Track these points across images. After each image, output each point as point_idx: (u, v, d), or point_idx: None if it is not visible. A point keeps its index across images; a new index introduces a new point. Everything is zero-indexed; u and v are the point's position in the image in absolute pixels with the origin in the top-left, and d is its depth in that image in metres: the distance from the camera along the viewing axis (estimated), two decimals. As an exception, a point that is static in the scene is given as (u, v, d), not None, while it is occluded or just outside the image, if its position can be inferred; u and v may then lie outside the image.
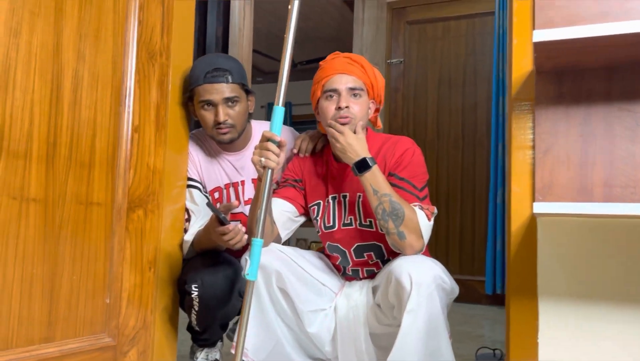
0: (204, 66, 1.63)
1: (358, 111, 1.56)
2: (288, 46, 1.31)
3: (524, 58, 1.26)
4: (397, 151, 1.59)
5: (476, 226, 3.70)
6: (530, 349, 1.27)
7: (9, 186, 1.19)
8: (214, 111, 1.64)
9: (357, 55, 1.63)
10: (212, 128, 1.66)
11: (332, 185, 1.64)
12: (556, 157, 1.22)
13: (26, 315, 1.22)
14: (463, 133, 3.77)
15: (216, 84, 1.61)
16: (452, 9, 3.83)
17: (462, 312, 3.26)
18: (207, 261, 1.59)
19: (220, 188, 1.76)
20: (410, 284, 1.33)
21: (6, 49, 1.19)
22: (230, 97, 1.63)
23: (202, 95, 1.63)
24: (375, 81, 1.62)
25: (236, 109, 1.66)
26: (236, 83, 1.65)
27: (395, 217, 1.42)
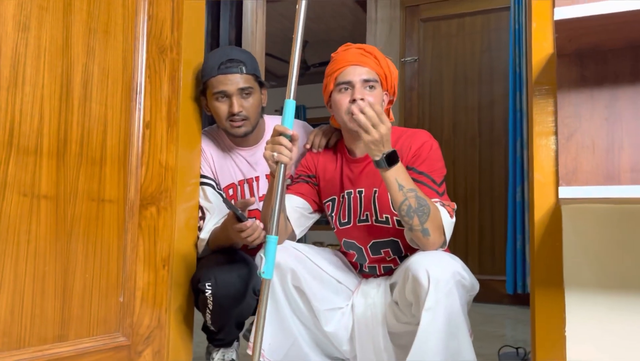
0: (218, 57, 1.62)
1: (373, 103, 1.52)
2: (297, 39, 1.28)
3: (544, 41, 1.22)
4: (415, 144, 1.54)
5: (495, 225, 3.63)
6: (557, 343, 1.22)
7: (20, 183, 1.17)
8: (228, 102, 1.62)
9: (370, 45, 1.59)
10: (226, 120, 1.64)
11: (347, 180, 1.61)
12: (580, 143, 1.18)
13: (39, 313, 1.20)
14: (480, 131, 3.71)
15: (230, 74, 1.60)
16: (466, 5, 3.78)
17: (483, 312, 3.20)
18: (221, 259, 1.56)
19: (235, 184, 1.74)
20: (427, 281, 1.29)
21: (15, 44, 1.18)
22: (245, 87, 1.62)
23: (216, 86, 1.61)
24: (389, 72, 1.58)
25: (250, 100, 1.64)
26: (250, 74, 1.64)
27: (422, 213, 1.36)
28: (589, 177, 1.15)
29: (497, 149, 3.64)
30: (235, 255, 1.59)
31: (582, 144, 1.18)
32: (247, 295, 1.54)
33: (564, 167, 1.19)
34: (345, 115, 1.52)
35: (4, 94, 1.15)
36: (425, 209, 1.36)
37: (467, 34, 3.80)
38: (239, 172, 1.74)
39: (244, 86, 1.62)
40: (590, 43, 1.13)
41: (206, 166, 1.70)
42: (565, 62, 1.18)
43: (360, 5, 5.00)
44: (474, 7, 3.77)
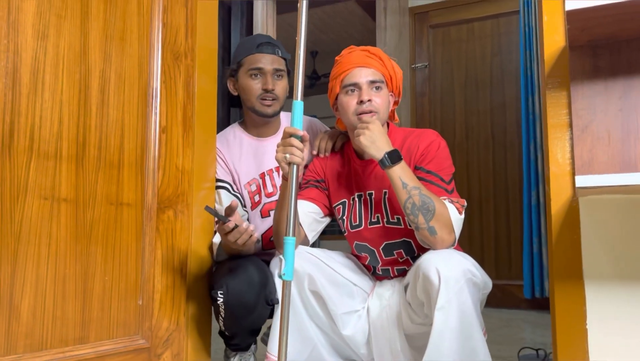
0: (257, 39, 1.73)
1: (380, 103, 1.53)
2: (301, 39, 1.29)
3: (556, 34, 1.22)
4: (422, 143, 1.54)
5: (511, 229, 3.60)
6: (579, 338, 1.21)
7: (40, 187, 1.20)
8: (263, 80, 1.69)
9: (374, 47, 1.60)
10: (257, 98, 1.70)
11: (357, 183, 1.60)
12: (595, 134, 1.17)
13: (60, 315, 1.22)
14: (493, 134, 3.70)
15: (267, 54, 1.70)
16: (475, 10, 3.79)
17: (500, 317, 3.16)
18: (234, 266, 1.55)
19: (256, 179, 1.74)
20: (438, 280, 1.28)
21: (34, 52, 1.21)
22: (279, 69, 1.71)
23: (254, 63, 1.69)
24: (394, 73, 1.59)
25: (281, 83, 1.72)
26: (284, 58, 1.74)
27: (426, 211, 1.36)
28: (605, 168, 1.14)
29: (510, 152, 3.63)
30: (250, 262, 1.58)
31: (597, 136, 1.17)
32: (259, 304, 1.52)
33: (580, 159, 1.19)
34: (352, 116, 1.53)
35: (25, 100, 1.18)
36: (429, 206, 1.36)
37: (477, 39, 3.80)
38: (259, 166, 1.75)
39: (278, 67, 1.71)
40: (603, 33, 1.13)
41: (221, 169, 1.72)
42: (578, 54, 1.18)
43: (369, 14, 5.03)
44: (483, 12, 3.77)
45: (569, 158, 1.21)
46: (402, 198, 1.39)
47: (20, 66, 1.17)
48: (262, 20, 4.37)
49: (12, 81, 1.16)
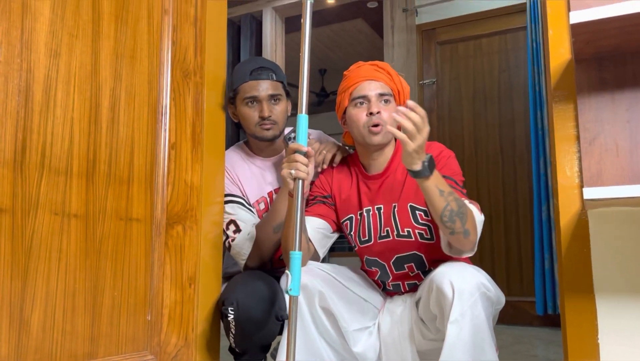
0: (249, 65, 1.71)
1: (388, 117, 1.53)
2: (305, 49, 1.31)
3: (561, 47, 1.22)
4: (432, 153, 1.55)
5: (522, 245, 3.58)
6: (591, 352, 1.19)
7: (51, 202, 1.21)
8: (259, 107, 1.68)
9: (382, 62, 1.62)
10: (256, 125, 1.70)
11: (365, 197, 1.60)
12: (603, 146, 1.17)
13: (70, 329, 1.22)
14: (501, 149, 3.69)
15: (262, 80, 1.68)
16: (482, 27, 3.81)
17: (512, 334, 3.12)
18: (244, 282, 1.56)
19: (265, 197, 1.75)
20: (452, 292, 1.27)
21: (47, 69, 1.23)
22: (274, 94, 1.69)
23: (248, 91, 1.68)
24: (401, 87, 1.60)
25: (279, 107, 1.71)
26: (279, 81, 1.72)
27: (462, 215, 1.33)
28: (614, 180, 1.14)
29: (520, 167, 3.61)
30: (260, 278, 1.58)
31: (605, 148, 1.17)
32: (270, 321, 1.52)
33: (588, 171, 1.18)
34: (362, 129, 1.54)
35: (37, 117, 1.20)
36: (464, 209, 1.35)
37: (485, 55, 3.82)
38: (268, 185, 1.76)
39: (273, 93, 1.69)
40: (608, 46, 1.14)
41: (233, 185, 1.72)
42: (584, 67, 1.18)
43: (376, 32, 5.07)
44: (490, 29, 3.79)
45: (577, 171, 1.21)
46: (439, 206, 1.33)
47: (33, 84, 1.20)
48: (271, 39, 4.42)
49: (24, 99, 1.18)
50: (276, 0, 4.42)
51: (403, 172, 1.56)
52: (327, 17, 4.91)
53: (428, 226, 1.53)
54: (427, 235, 1.53)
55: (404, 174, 1.56)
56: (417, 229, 1.52)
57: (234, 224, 1.67)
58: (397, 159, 1.59)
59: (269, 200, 1.76)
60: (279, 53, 4.50)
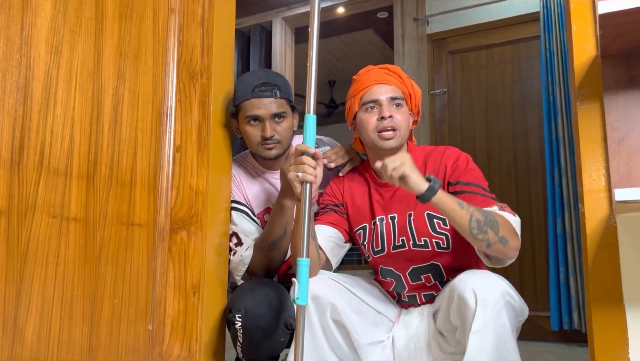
0: (252, 80, 1.60)
1: (401, 120, 1.48)
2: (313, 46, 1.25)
3: (586, 43, 1.16)
4: (449, 159, 1.49)
5: (536, 259, 3.49)
6: (620, 368, 1.11)
7: (50, 204, 1.16)
8: (261, 127, 1.59)
9: (393, 65, 1.57)
10: (258, 145, 1.61)
11: (378, 206, 1.54)
12: (633, 146, 1.10)
13: (66, 339, 1.16)
14: (515, 161, 3.62)
15: (264, 98, 1.58)
16: (494, 36, 3.76)
17: (527, 350, 3.03)
18: (252, 288, 1.50)
19: (270, 208, 1.69)
20: (475, 302, 1.20)
21: (47, 67, 1.19)
22: (278, 112, 1.59)
23: (249, 110, 1.59)
24: (413, 91, 1.55)
25: (283, 125, 1.61)
26: (283, 98, 1.61)
27: (492, 223, 1.27)
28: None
29: (534, 179, 3.54)
30: (269, 285, 1.53)
31: (635, 148, 1.11)
32: (279, 329, 1.47)
33: (616, 173, 1.12)
34: (373, 133, 1.48)
35: (36, 115, 1.15)
36: (491, 217, 1.29)
37: (497, 64, 3.77)
38: (272, 196, 1.70)
39: (277, 111, 1.59)
40: (637, 40, 1.07)
41: (238, 192, 1.67)
42: (611, 63, 1.12)
43: (387, 43, 5.04)
44: (502, 38, 3.74)
45: (604, 174, 1.14)
46: (464, 219, 1.27)
47: (32, 81, 1.15)
48: (281, 50, 4.41)
49: (23, 96, 1.13)
50: (286, 11, 4.41)
51: None
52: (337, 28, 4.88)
53: (445, 236, 1.46)
54: (444, 244, 1.46)
55: None
56: (435, 238, 1.46)
57: (235, 236, 1.61)
58: None
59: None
60: (288, 63, 4.48)
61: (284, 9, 4.41)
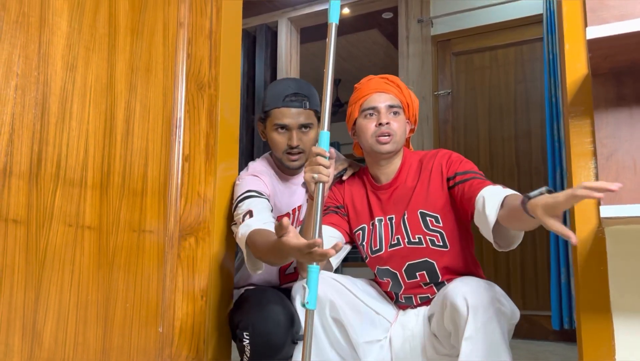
0: (284, 89, 1.64)
1: (398, 128, 1.55)
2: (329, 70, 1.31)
3: (578, 62, 1.21)
4: (442, 158, 1.57)
5: (538, 259, 3.52)
6: (608, 373, 1.16)
7: (65, 214, 1.22)
8: (288, 135, 1.63)
9: (392, 75, 1.63)
10: (283, 153, 1.65)
11: (376, 207, 1.61)
12: (621, 162, 1.15)
13: (82, 341, 1.23)
14: (518, 162, 3.65)
15: (293, 108, 1.62)
16: (498, 38, 3.79)
17: (528, 349, 3.07)
18: (258, 304, 1.51)
19: (289, 213, 1.73)
20: (466, 309, 1.25)
21: (63, 82, 1.24)
22: (305, 123, 1.64)
23: (279, 118, 1.63)
24: (410, 100, 1.61)
25: (309, 135, 1.65)
26: (312, 110, 1.66)
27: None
28: (632, 197, 1.11)
29: (536, 180, 3.57)
30: (275, 300, 1.53)
31: (622, 164, 1.15)
32: (287, 345, 1.48)
33: (605, 188, 1.16)
34: (370, 139, 1.55)
35: (53, 129, 1.21)
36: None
37: (501, 66, 3.79)
38: (291, 202, 1.73)
39: (305, 122, 1.63)
40: (627, 61, 1.12)
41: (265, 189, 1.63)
42: (601, 82, 1.17)
43: (391, 43, 5.07)
44: (505, 39, 3.77)
45: (593, 187, 1.18)
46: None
47: (50, 96, 1.21)
48: (286, 50, 4.44)
49: (41, 112, 1.19)
50: (291, 11, 4.44)
51: (413, 180, 1.57)
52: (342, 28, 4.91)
53: (440, 233, 1.52)
54: (438, 242, 1.52)
55: (414, 182, 1.57)
56: (428, 236, 1.52)
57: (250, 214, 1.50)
58: (405, 168, 1.60)
59: (292, 216, 1.72)
60: (293, 63, 4.51)
61: (290, 9, 4.45)
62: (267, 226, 1.45)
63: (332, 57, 1.33)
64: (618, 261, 1.18)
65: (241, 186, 1.60)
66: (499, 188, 1.40)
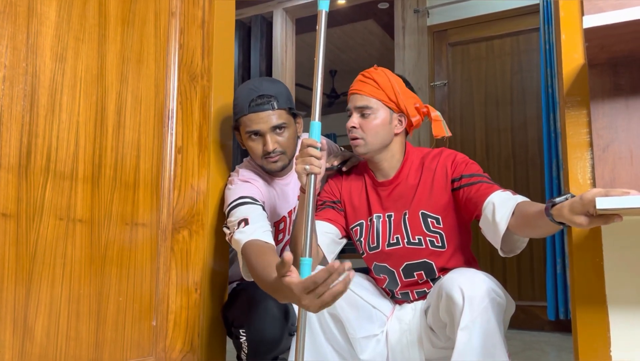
0: (248, 93, 1.55)
1: (368, 129, 1.50)
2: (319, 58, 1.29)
3: (574, 52, 1.20)
4: (447, 159, 1.52)
5: (534, 249, 3.53)
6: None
7: (56, 207, 1.20)
8: (262, 141, 1.55)
9: (375, 70, 1.55)
10: (262, 158, 1.58)
11: (375, 204, 1.58)
12: (617, 154, 1.14)
13: (74, 335, 1.22)
14: (514, 152, 3.65)
15: (262, 112, 1.53)
16: (494, 28, 3.77)
17: (523, 339, 3.08)
18: (253, 300, 1.49)
19: (285, 217, 1.69)
20: (462, 299, 1.25)
21: (53, 73, 1.22)
22: (278, 124, 1.55)
23: (249, 125, 1.55)
24: (391, 92, 1.52)
25: (285, 135, 1.57)
26: (282, 108, 1.56)
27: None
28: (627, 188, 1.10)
29: (532, 171, 3.57)
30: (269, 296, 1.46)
31: (619, 155, 1.14)
32: (284, 339, 1.48)
33: (601, 179, 1.15)
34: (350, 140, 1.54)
35: (42, 121, 1.20)
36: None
37: (497, 57, 3.78)
38: (285, 205, 1.68)
39: (277, 124, 1.54)
40: (623, 51, 1.11)
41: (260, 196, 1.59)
42: (598, 72, 1.15)
43: (387, 33, 5.05)
44: (502, 30, 3.75)
45: (589, 179, 1.18)
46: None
47: (38, 88, 1.19)
48: (282, 40, 4.41)
49: (30, 103, 1.18)
50: (287, 1, 4.41)
51: (414, 178, 1.54)
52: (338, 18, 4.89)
53: (439, 234, 1.51)
54: (438, 243, 1.51)
55: (415, 180, 1.53)
56: (428, 237, 1.50)
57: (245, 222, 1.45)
58: (407, 166, 1.56)
59: (289, 219, 1.69)
60: (289, 54, 4.48)
61: (285, 0, 4.42)
62: (265, 235, 1.42)
63: (322, 45, 1.30)
64: (614, 253, 1.18)
65: (234, 191, 1.54)
66: (509, 195, 1.38)
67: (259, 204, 1.51)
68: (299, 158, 1.34)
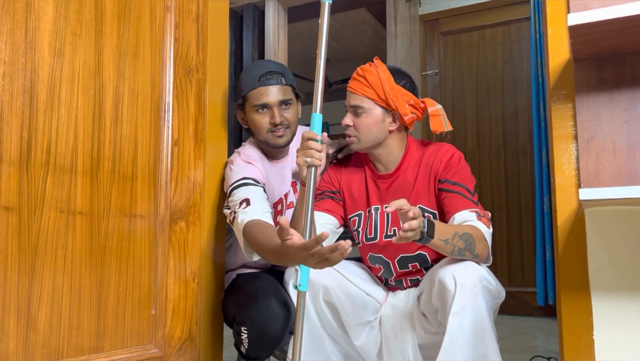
0: (257, 70, 1.63)
1: (361, 127, 1.53)
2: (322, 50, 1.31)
3: (561, 47, 1.23)
4: (443, 157, 1.53)
5: (524, 236, 3.59)
6: (586, 348, 1.21)
7: (57, 200, 1.23)
8: (270, 114, 1.61)
9: (368, 67, 1.55)
10: (267, 132, 1.63)
11: (374, 195, 1.60)
12: (601, 146, 1.18)
13: (76, 324, 1.25)
14: (504, 141, 3.69)
15: (271, 86, 1.61)
16: (486, 17, 3.79)
17: (513, 324, 3.15)
18: (254, 296, 1.52)
19: (282, 198, 1.72)
20: (454, 286, 1.29)
21: (51, 69, 1.24)
22: (285, 99, 1.62)
23: (258, 98, 1.61)
24: (381, 90, 1.51)
25: (290, 111, 1.64)
26: (288, 85, 1.65)
27: (470, 246, 1.35)
28: (610, 180, 1.15)
29: (522, 159, 3.62)
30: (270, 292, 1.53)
31: (602, 147, 1.18)
32: (285, 335, 1.51)
33: (585, 170, 1.20)
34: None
35: (42, 116, 1.22)
36: (470, 240, 1.35)
37: (488, 46, 3.80)
38: (283, 187, 1.72)
39: (284, 98, 1.62)
40: (607, 46, 1.14)
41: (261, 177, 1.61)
42: (583, 67, 1.19)
43: (380, 22, 5.05)
44: (493, 19, 3.77)
45: (574, 170, 1.22)
46: (447, 252, 1.35)
47: (38, 83, 1.21)
48: (274, 29, 4.41)
49: (29, 98, 1.20)
50: (279, -10, 4.40)
51: (413, 172, 1.56)
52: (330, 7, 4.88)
53: None
54: None
55: (414, 174, 1.56)
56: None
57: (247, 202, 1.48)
58: (407, 159, 1.58)
59: (285, 201, 1.72)
60: (281, 43, 4.48)
61: (277, -12, 4.41)
62: (265, 216, 1.45)
63: (324, 37, 1.33)
64: (597, 241, 1.22)
65: (236, 172, 1.57)
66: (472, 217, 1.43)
67: (260, 185, 1.55)
68: (299, 151, 1.37)
